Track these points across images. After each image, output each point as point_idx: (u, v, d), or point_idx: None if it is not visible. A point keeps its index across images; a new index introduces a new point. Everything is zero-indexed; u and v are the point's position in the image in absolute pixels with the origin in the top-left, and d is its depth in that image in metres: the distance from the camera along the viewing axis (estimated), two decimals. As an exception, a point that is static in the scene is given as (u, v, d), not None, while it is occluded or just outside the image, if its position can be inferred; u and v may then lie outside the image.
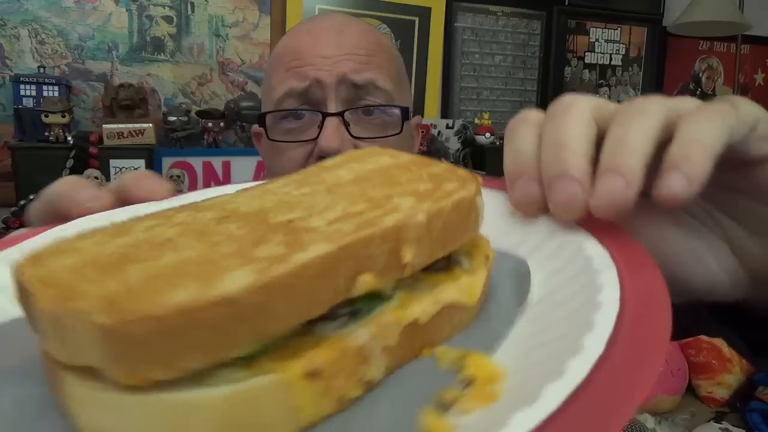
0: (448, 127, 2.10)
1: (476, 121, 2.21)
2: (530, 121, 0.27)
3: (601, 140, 0.24)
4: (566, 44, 2.39)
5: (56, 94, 1.66)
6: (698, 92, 2.60)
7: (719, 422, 0.96)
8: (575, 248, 0.24)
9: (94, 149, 1.63)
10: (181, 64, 1.89)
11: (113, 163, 1.67)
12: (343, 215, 0.19)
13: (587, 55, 2.44)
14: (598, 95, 0.27)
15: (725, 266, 0.29)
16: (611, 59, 2.47)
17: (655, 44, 2.49)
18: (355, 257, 0.18)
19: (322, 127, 0.61)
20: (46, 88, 1.65)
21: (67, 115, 1.63)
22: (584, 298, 0.20)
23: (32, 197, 1.57)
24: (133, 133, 1.67)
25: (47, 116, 1.60)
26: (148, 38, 1.85)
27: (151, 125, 1.68)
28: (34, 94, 1.64)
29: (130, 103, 1.69)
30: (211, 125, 1.83)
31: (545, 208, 0.25)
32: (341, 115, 0.61)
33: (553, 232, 0.26)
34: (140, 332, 0.14)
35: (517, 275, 0.24)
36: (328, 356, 0.17)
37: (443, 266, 0.22)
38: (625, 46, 2.48)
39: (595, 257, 0.23)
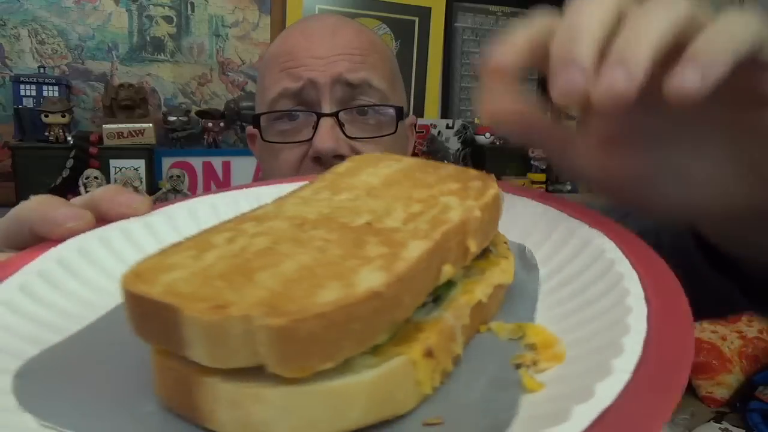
0: (448, 127, 2.10)
1: (476, 121, 2.21)
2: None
3: None
4: (566, 44, 2.39)
5: (56, 94, 1.66)
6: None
7: (719, 422, 0.96)
8: (587, 245, 0.26)
9: (94, 149, 1.63)
10: (181, 64, 1.89)
11: (113, 163, 1.67)
12: (408, 216, 0.22)
13: (587, 55, 2.44)
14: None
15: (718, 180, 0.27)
16: (611, 59, 2.47)
17: (655, 44, 2.49)
18: (441, 250, 0.20)
19: (316, 127, 0.61)
20: (46, 88, 1.65)
21: (67, 115, 1.63)
22: (612, 299, 0.22)
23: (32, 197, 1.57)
24: (133, 133, 1.67)
25: (47, 116, 1.60)
26: (148, 38, 1.85)
27: (151, 125, 1.68)
28: (34, 94, 1.64)
29: (130, 103, 1.69)
30: (211, 125, 1.83)
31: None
32: (336, 115, 0.61)
33: (555, 224, 0.29)
34: (309, 329, 0.16)
35: (521, 257, 0.28)
36: (436, 337, 0.20)
37: (481, 253, 0.25)
38: (625, 46, 2.48)
39: (607, 249, 0.25)
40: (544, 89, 0.24)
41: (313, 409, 0.17)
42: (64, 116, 1.62)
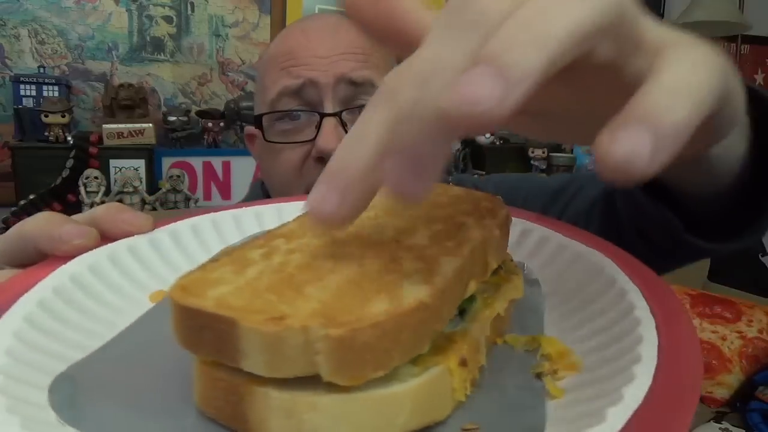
0: (448, 127, 2.10)
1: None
2: None
3: None
4: (566, 44, 2.39)
5: (56, 94, 1.66)
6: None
7: (719, 422, 0.96)
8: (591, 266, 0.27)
9: (94, 149, 1.63)
10: (181, 64, 1.89)
11: (113, 163, 1.67)
12: (433, 234, 0.23)
13: (587, 55, 2.44)
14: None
15: None
16: (611, 59, 2.47)
17: (655, 44, 2.49)
18: (468, 266, 0.22)
19: (319, 127, 0.60)
20: (46, 88, 1.65)
21: (66, 115, 1.63)
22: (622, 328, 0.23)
23: (32, 197, 1.57)
24: (133, 133, 1.67)
25: (47, 116, 1.60)
26: (148, 38, 1.85)
27: (151, 125, 1.68)
28: (34, 94, 1.64)
29: (130, 103, 1.70)
30: (211, 125, 1.83)
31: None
32: (339, 115, 0.61)
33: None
34: (365, 338, 0.17)
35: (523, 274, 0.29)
36: (468, 348, 0.21)
37: (494, 270, 0.26)
38: (625, 46, 2.48)
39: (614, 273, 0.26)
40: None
41: (363, 416, 0.18)
42: (64, 116, 1.62)
